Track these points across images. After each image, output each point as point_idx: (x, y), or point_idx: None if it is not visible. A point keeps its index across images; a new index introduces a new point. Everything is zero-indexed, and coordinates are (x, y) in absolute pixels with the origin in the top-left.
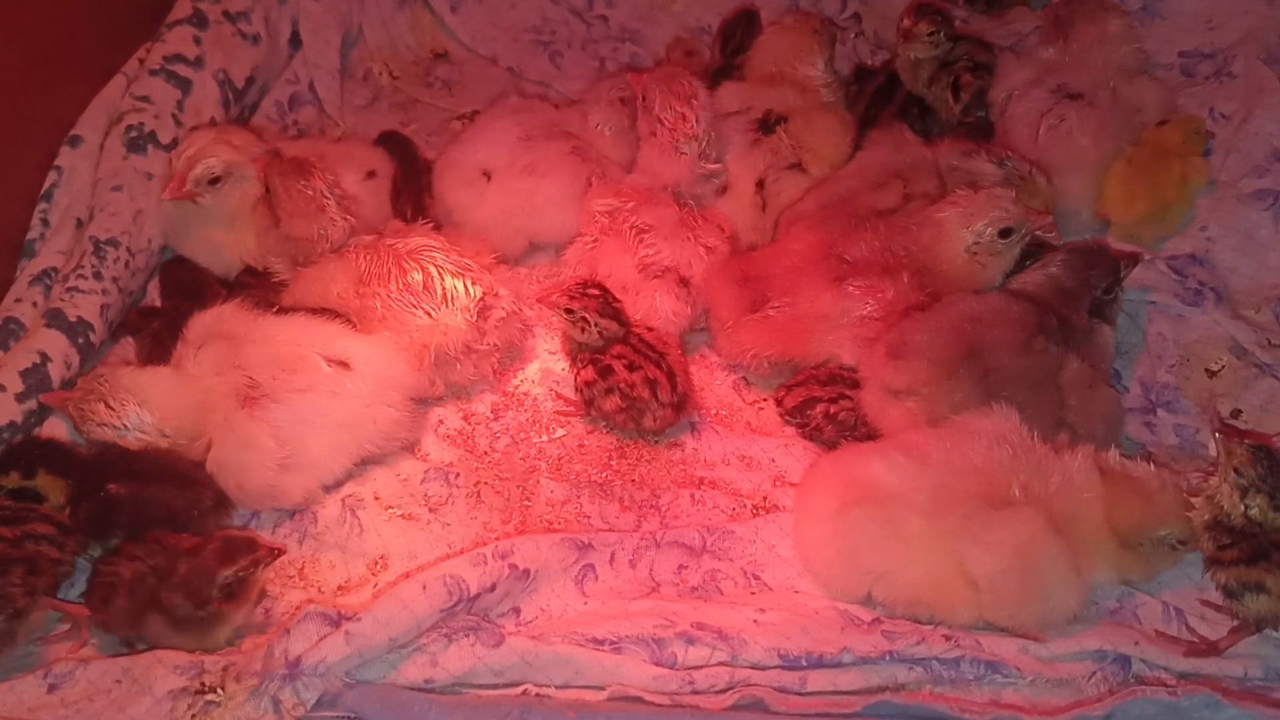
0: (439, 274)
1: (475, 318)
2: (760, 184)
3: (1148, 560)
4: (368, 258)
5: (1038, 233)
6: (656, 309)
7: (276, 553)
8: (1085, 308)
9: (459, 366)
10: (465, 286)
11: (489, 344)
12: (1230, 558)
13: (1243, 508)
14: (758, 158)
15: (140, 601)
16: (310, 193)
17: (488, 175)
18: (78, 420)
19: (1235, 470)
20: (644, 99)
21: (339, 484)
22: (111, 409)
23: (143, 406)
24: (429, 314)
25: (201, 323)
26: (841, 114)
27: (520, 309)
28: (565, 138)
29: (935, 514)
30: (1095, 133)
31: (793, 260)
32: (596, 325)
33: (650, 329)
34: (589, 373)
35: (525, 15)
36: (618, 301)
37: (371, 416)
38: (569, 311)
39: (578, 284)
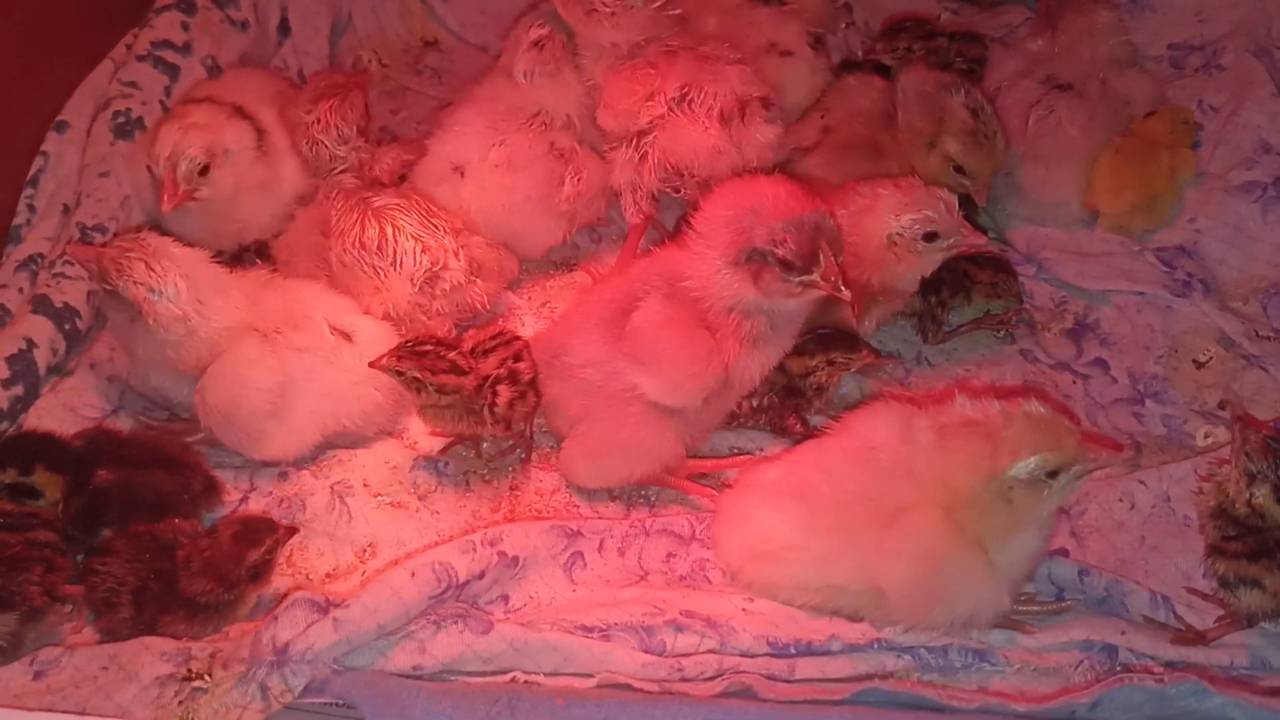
0: (394, 235)
1: (418, 287)
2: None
3: (1032, 511)
4: (341, 204)
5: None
6: (761, 146)
7: (293, 531)
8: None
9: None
10: (415, 253)
11: (436, 311)
12: (1233, 550)
13: (1247, 495)
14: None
15: (148, 610)
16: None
17: (460, 171)
18: (110, 272)
19: (1246, 454)
20: None
21: (311, 457)
22: (153, 271)
23: (184, 280)
24: (378, 274)
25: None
26: None
27: (471, 281)
28: (539, 131)
29: (836, 551)
30: (1084, 124)
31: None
32: (433, 382)
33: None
34: (506, 393)
35: (516, 3)
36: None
37: (356, 394)
38: (399, 374)
39: (397, 352)
